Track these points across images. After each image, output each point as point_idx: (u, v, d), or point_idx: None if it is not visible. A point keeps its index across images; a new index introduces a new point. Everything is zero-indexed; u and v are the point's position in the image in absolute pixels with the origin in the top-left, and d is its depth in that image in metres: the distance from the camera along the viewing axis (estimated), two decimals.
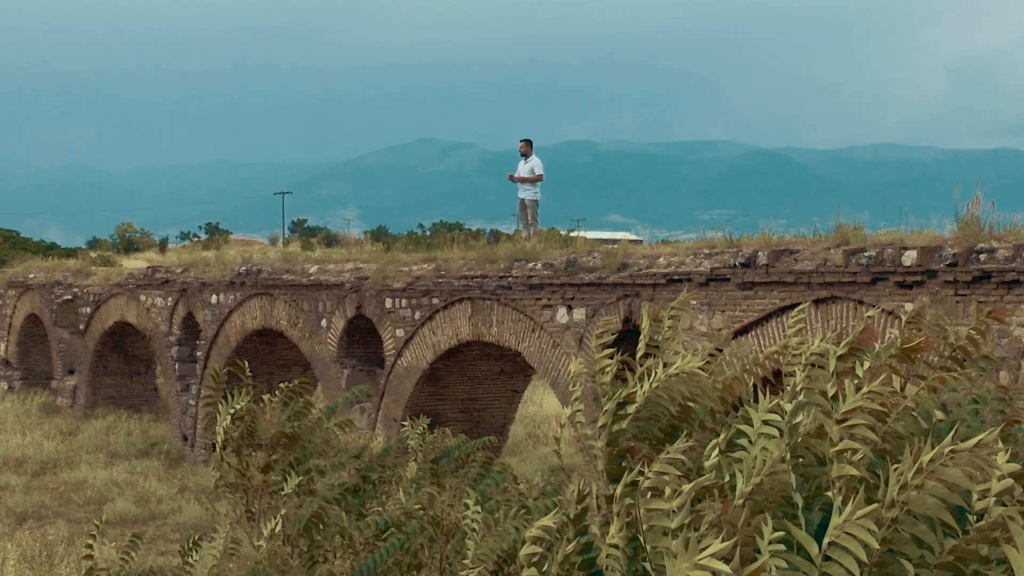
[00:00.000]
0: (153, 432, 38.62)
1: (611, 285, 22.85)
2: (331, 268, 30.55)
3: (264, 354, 34.22)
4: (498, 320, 25.40)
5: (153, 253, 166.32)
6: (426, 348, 27.28)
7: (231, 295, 33.78)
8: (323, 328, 30.39)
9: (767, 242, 21.04)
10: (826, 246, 19.96)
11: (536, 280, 24.31)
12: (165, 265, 37.98)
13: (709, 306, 21.17)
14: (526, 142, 30.30)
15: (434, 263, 27.76)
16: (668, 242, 23.67)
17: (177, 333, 36.55)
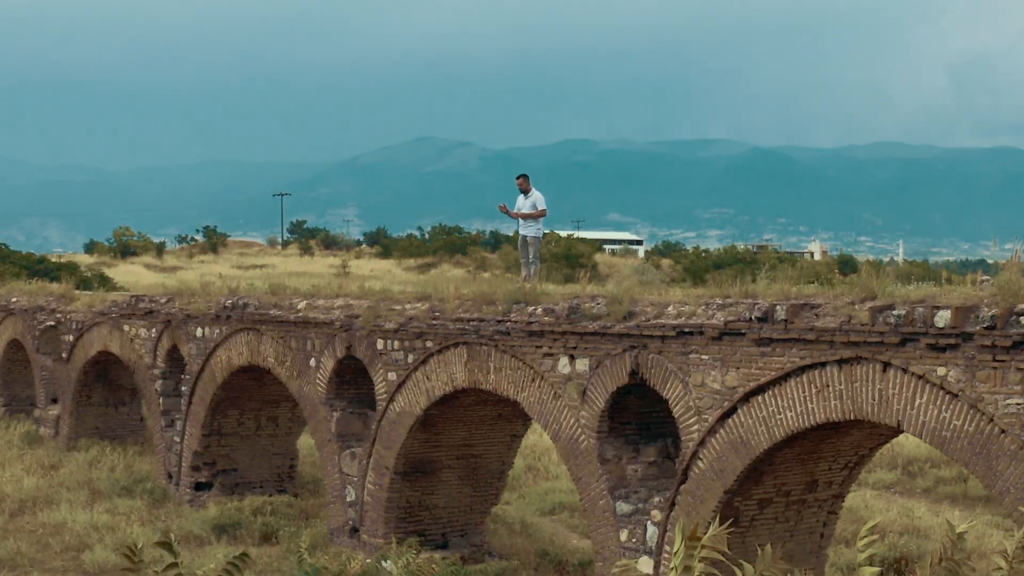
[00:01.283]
0: (138, 467, 37.08)
1: (616, 335, 21.35)
2: (320, 304, 29.01)
3: (252, 389, 32.73)
4: (496, 367, 23.89)
5: (150, 257, 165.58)
6: (419, 394, 25.77)
7: (216, 329, 32.25)
8: (312, 367, 28.87)
9: (785, 294, 19.53)
10: (850, 300, 18.47)
11: (536, 327, 22.81)
12: (148, 294, 36.34)
13: (723, 362, 19.68)
14: (524, 177, 28.73)
15: (428, 303, 26.22)
16: (679, 291, 22.02)
17: (161, 366, 35.01)
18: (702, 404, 20.04)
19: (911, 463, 38.39)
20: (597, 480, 21.86)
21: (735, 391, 19.52)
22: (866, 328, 17.69)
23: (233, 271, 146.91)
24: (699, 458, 20.15)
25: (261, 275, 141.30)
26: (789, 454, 19.68)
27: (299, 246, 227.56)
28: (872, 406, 17.82)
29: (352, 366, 28.04)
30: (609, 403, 21.71)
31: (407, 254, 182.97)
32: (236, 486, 33.64)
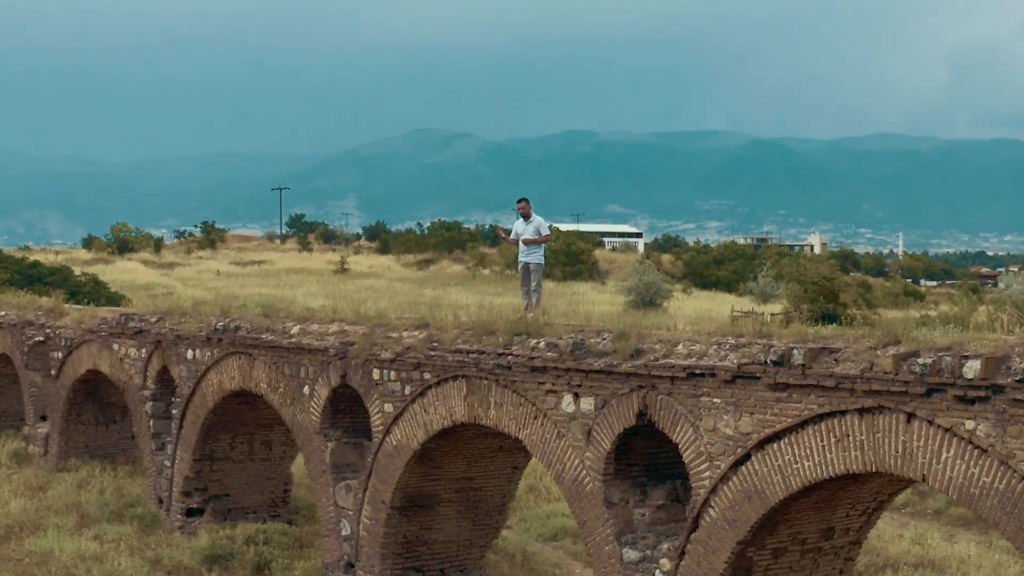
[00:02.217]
0: (128, 489, 36.06)
1: (623, 374, 20.32)
2: (314, 329, 27.99)
3: (244, 413, 31.72)
4: (496, 402, 22.86)
5: (148, 253, 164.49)
6: (417, 427, 24.74)
7: (208, 352, 31.22)
8: (305, 395, 27.83)
9: (802, 335, 18.52)
10: (871, 344, 17.47)
11: (539, 362, 21.77)
12: (138, 313, 35.26)
13: (736, 406, 18.66)
14: (524, 202, 27.49)
15: (426, 331, 25.20)
16: (689, 327, 20.95)
17: (152, 387, 33.98)
18: (714, 450, 19.03)
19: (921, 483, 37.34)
20: (603, 525, 20.85)
21: (749, 437, 18.51)
22: (889, 377, 16.68)
23: (231, 268, 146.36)
24: (711, 506, 19.14)
25: (259, 271, 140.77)
26: (806, 503, 18.68)
27: (298, 240, 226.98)
28: (895, 459, 16.83)
29: (347, 394, 27.04)
30: (615, 445, 20.70)
31: (406, 250, 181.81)
32: (228, 512, 32.64)
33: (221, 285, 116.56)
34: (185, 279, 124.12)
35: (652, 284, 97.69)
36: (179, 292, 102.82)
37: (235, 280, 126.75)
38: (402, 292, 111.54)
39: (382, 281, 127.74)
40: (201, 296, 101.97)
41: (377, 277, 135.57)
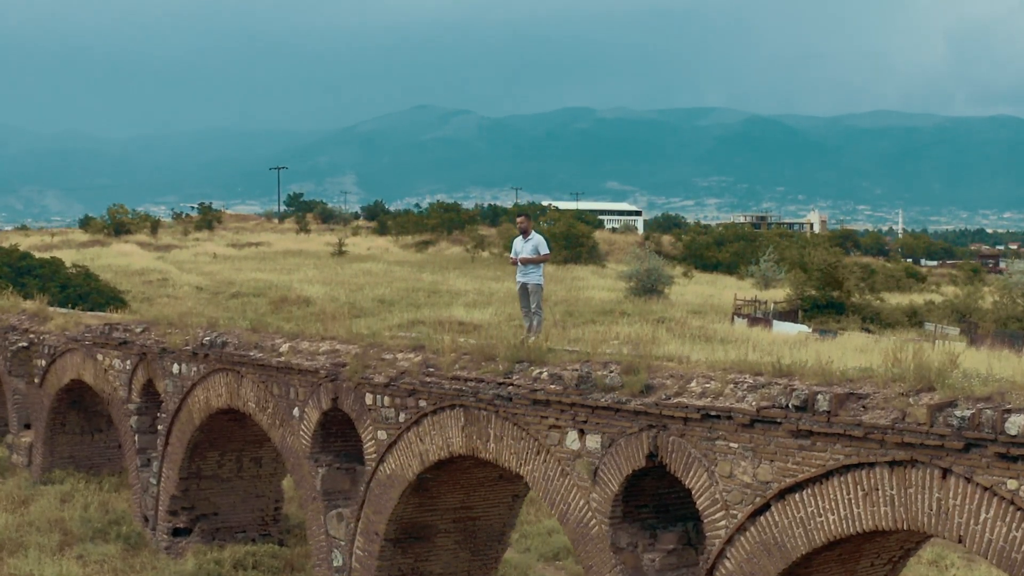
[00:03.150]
0: (114, 504, 34.71)
1: (632, 412, 18.97)
2: (304, 348, 26.59)
3: (232, 430, 30.33)
4: (496, 435, 21.50)
5: (144, 235, 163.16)
6: (412, 456, 23.38)
7: (194, 367, 29.83)
8: (295, 417, 26.47)
9: (826, 376, 17.18)
10: (903, 390, 16.13)
11: (541, 395, 20.40)
12: (123, 323, 33.80)
13: (754, 452, 17.32)
14: (524, 217, 25.89)
15: (422, 354, 23.83)
16: (702, 360, 19.58)
17: (137, 401, 32.59)
18: (730, 498, 17.68)
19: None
20: (610, 571, 19.51)
21: (768, 486, 17.16)
22: (923, 429, 15.33)
23: (227, 250, 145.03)
24: (726, 557, 17.80)
25: (256, 254, 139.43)
26: (829, 555, 17.34)
27: (295, 220, 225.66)
28: (928, 516, 15.49)
29: (339, 417, 25.68)
30: (624, 486, 19.34)
31: (404, 231, 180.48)
32: (217, 531, 31.30)
33: (217, 269, 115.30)
34: (181, 263, 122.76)
35: (653, 270, 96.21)
36: (174, 278, 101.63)
37: (232, 263, 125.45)
38: (400, 277, 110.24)
39: (380, 264, 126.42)
40: (197, 281, 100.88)
41: (375, 260, 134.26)
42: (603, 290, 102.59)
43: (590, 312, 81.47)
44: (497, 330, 24.86)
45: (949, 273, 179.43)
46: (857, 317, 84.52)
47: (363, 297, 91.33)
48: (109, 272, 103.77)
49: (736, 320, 79.06)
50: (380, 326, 74.37)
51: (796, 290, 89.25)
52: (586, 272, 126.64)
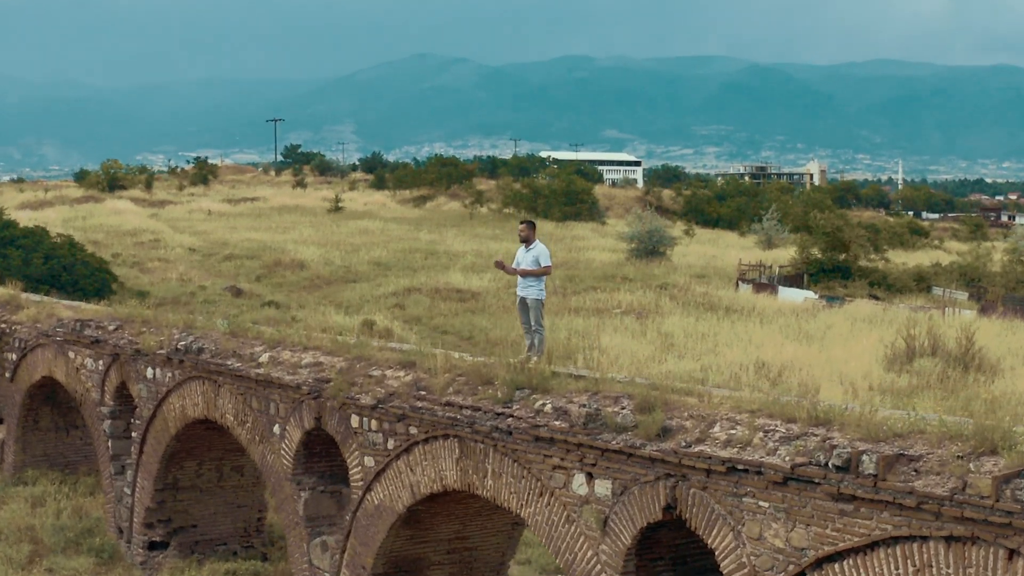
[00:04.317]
0: (88, 509, 32.55)
1: (647, 459, 16.84)
2: (285, 359, 24.40)
3: (212, 439, 28.13)
4: (495, 471, 19.36)
5: (139, 191, 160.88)
6: (402, 488, 21.25)
7: (169, 372, 27.67)
8: (275, 435, 24.33)
9: (870, 429, 15.03)
10: (960, 452, 13.98)
11: (545, 432, 18.26)
12: (95, 319, 31.53)
13: (787, 514, 15.20)
14: (527, 225, 23.43)
15: (412, 373, 21.65)
16: (726, 396, 17.35)
17: (110, 404, 30.42)
18: (759, 563, 15.56)
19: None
20: None
21: (804, 553, 15.06)
22: (988, 504, 13.22)
23: (222, 207, 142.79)
24: None
25: (252, 210, 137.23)
26: None
27: (292, 173, 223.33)
28: None
29: (323, 435, 23.52)
30: (637, 539, 17.23)
31: (402, 185, 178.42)
32: (196, 544, 29.19)
33: (211, 228, 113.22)
34: (175, 221, 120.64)
35: (655, 231, 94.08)
36: (166, 239, 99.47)
37: (226, 221, 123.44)
38: (397, 236, 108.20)
39: (377, 222, 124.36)
40: (189, 242, 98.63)
41: (372, 217, 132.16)
42: (603, 251, 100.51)
43: (591, 277, 79.38)
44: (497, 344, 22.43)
45: (951, 228, 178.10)
46: (864, 282, 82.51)
47: (358, 260, 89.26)
48: (101, 232, 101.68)
49: (741, 286, 76.94)
50: (374, 293, 72.46)
51: (801, 252, 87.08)
52: (586, 230, 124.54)
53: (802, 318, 63.15)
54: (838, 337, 54.00)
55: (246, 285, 75.19)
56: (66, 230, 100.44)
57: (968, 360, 47.14)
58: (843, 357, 48.35)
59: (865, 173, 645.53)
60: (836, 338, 53.88)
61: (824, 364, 46.74)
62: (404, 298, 70.05)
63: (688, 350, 51.16)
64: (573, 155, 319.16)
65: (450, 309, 66.35)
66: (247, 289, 72.30)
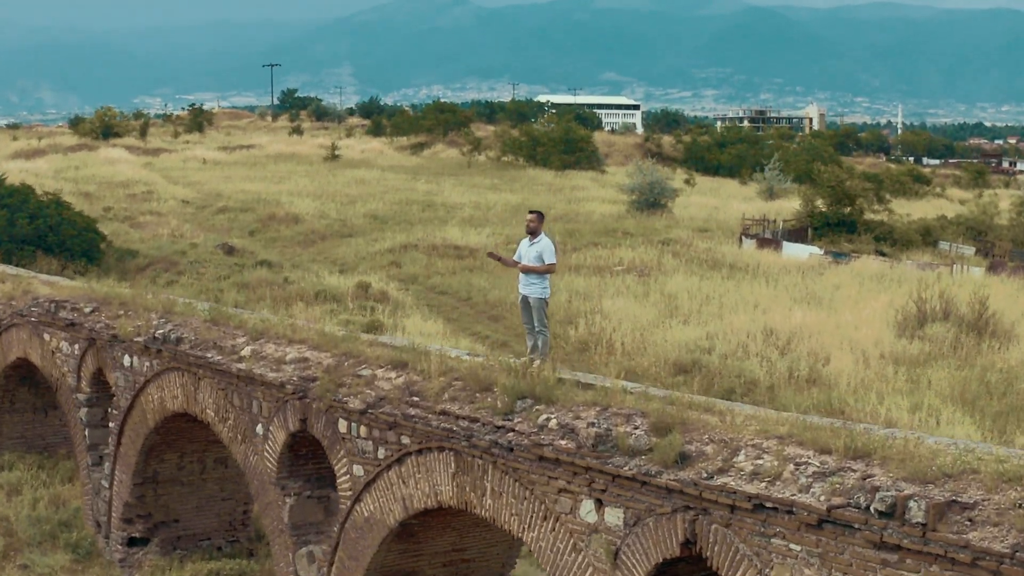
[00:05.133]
0: (66, 498, 30.89)
1: (664, 488, 15.19)
2: (269, 352, 22.67)
3: (193, 430, 26.36)
4: (494, 490, 17.71)
5: (133, 139, 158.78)
6: (393, 501, 19.60)
7: (146, 361, 25.96)
8: (259, 435, 22.65)
9: (915, 466, 13.35)
10: (1021, 499, 12.33)
11: (550, 452, 16.60)
12: (71, 299, 29.67)
13: (822, 560, 13.56)
14: (535, 215, 21.16)
15: (404, 374, 19.95)
16: (750, 415, 15.61)
17: (86, 391, 28.72)
18: None
19: None
20: None
21: None
22: None
23: (217, 155, 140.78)
24: None
25: (247, 159, 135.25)
26: None
27: (289, 118, 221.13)
28: None
29: (310, 437, 21.82)
30: (652, 575, 15.59)
31: (399, 132, 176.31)
32: (179, 540, 27.56)
33: (205, 179, 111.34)
34: (169, 171, 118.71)
35: (656, 183, 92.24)
36: (159, 190, 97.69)
37: (221, 170, 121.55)
38: (393, 187, 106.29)
39: (373, 172, 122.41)
40: (183, 194, 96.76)
41: (368, 166, 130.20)
42: (604, 202, 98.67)
43: (591, 232, 77.61)
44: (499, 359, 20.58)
45: (953, 174, 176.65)
46: (869, 236, 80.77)
47: (354, 213, 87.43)
48: (93, 184, 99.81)
49: (744, 241, 75.19)
50: (370, 250, 70.70)
51: (805, 206, 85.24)
52: (585, 179, 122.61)
53: (808, 277, 61.54)
54: (847, 299, 52.33)
55: (239, 241, 73.37)
56: (57, 181, 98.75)
57: (981, 326, 45.68)
58: (853, 322, 46.77)
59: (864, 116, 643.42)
60: (844, 300, 52.21)
61: (833, 330, 45.15)
62: (400, 255, 68.32)
63: (692, 314, 49.50)
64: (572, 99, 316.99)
65: (447, 267, 64.64)
66: (239, 246, 70.47)
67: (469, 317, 53.41)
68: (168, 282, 59.04)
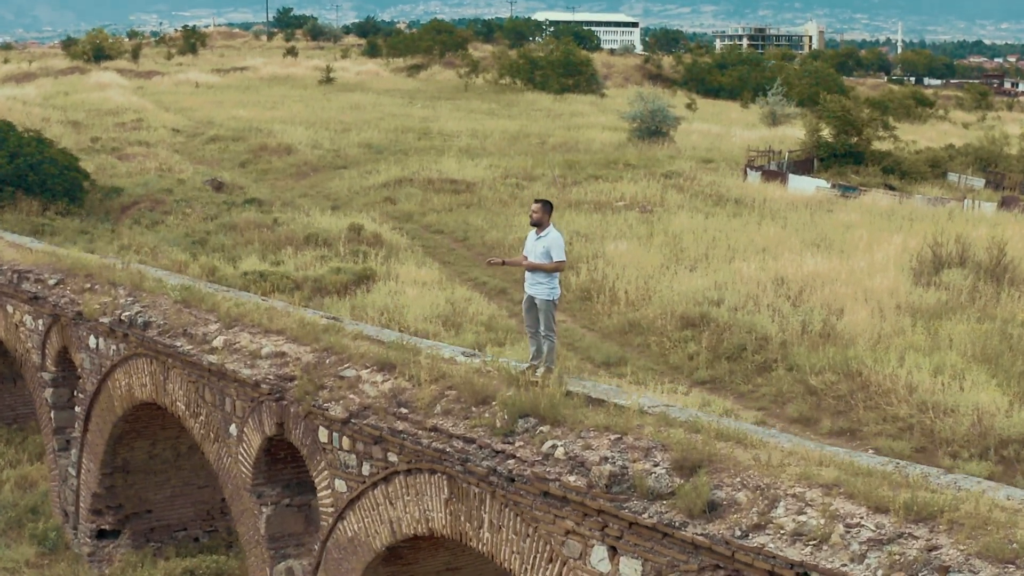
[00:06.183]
0: (35, 478, 28.90)
1: (690, 543, 13.07)
2: (243, 344, 20.45)
3: (165, 416, 24.15)
4: (493, 523, 15.60)
5: (125, 61, 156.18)
6: (380, 523, 17.51)
7: (113, 344, 23.78)
8: (232, 436, 20.50)
9: (992, 542, 11.27)
10: None
11: (556, 489, 14.48)
12: (35, 269, 27.40)
13: None
14: (542, 205, 18.41)
15: (392, 378, 17.78)
16: (788, 452, 13.42)
17: (52, 370, 26.56)
18: None
19: (1006, 445, 29.65)
20: None
21: None
22: None
23: (211, 78, 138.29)
24: None
25: (241, 82, 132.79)
26: None
27: (284, 38, 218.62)
28: None
29: (288, 440, 19.68)
30: None
31: (396, 52, 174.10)
32: (152, 532, 25.52)
33: (197, 104, 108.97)
34: (161, 96, 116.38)
35: (658, 112, 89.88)
36: (150, 118, 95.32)
37: (213, 95, 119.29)
38: (390, 113, 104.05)
39: (369, 96, 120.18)
40: (173, 122, 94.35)
41: (364, 90, 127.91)
42: (604, 129, 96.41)
43: (591, 163, 75.22)
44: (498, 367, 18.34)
45: (955, 96, 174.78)
46: (876, 168, 78.51)
47: (348, 142, 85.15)
48: (82, 111, 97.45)
49: (749, 174, 72.92)
50: (364, 184, 68.41)
51: (811, 136, 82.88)
52: (585, 104, 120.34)
53: (816, 214, 59.43)
54: (858, 242, 50.13)
55: (228, 175, 71.06)
56: (46, 109, 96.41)
57: (1000, 273, 43.66)
58: (866, 269, 44.63)
59: (863, 33, 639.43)
60: (856, 243, 50.00)
61: (847, 279, 43.01)
62: (395, 190, 66.05)
63: (699, 259, 47.32)
64: (569, 16, 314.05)
65: (443, 203, 62.42)
66: (229, 181, 68.12)
67: (466, 260, 51.25)
68: (153, 223, 56.92)
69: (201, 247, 50.62)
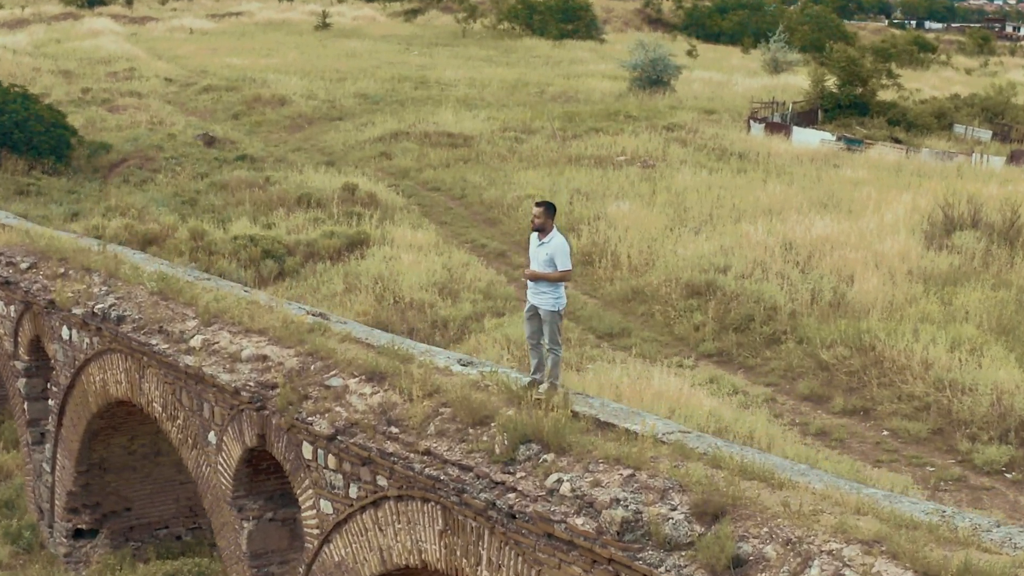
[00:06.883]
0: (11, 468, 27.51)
1: None
2: (222, 345, 18.93)
3: (144, 412, 22.69)
4: (491, 561, 14.16)
5: (119, 7, 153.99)
6: (369, 550, 16.09)
7: (87, 337, 22.29)
8: (211, 444, 19.05)
9: None
10: None
11: (563, 532, 13.05)
12: (7, 251, 25.70)
13: None
14: (544, 208, 16.66)
15: (382, 391, 16.31)
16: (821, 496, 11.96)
17: (25, 359, 25.05)
18: None
19: None
20: None
21: None
22: None
23: (206, 24, 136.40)
24: None
25: (236, 28, 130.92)
26: None
27: None
28: None
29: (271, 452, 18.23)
30: None
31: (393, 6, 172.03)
32: (131, 530, 24.12)
33: (191, 52, 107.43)
34: (155, 43, 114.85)
35: (659, 61, 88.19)
36: (142, 67, 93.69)
37: (208, 42, 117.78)
38: (386, 61, 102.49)
39: (365, 43, 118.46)
40: (166, 71, 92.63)
41: (360, 37, 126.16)
42: (604, 78, 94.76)
43: (591, 115, 73.57)
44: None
45: (957, 40, 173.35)
46: (882, 120, 76.91)
47: (343, 93, 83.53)
48: (73, 60, 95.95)
49: (752, 126, 71.30)
50: (359, 138, 66.86)
51: (815, 86, 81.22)
52: (584, 51, 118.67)
53: (822, 169, 57.95)
54: (867, 201, 48.58)
55: (221, 128, 69.43)
56: (36, 58, 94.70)
57: (1013, 236, 42.28)
58: (876, 231, 43.15)
59: None
60: (865, 203, 48.45)
61: (856, 243, 41.53)
62: (391, 145, 64.48)
63: (704, 222, 45.82)
64: None
65: (440, 159, 60.87)
66: (221, 135, 66.48)
67: (463, 220, 49.79)
68: (142, 181, 55.44)
69: (191, 207, 49.17)
